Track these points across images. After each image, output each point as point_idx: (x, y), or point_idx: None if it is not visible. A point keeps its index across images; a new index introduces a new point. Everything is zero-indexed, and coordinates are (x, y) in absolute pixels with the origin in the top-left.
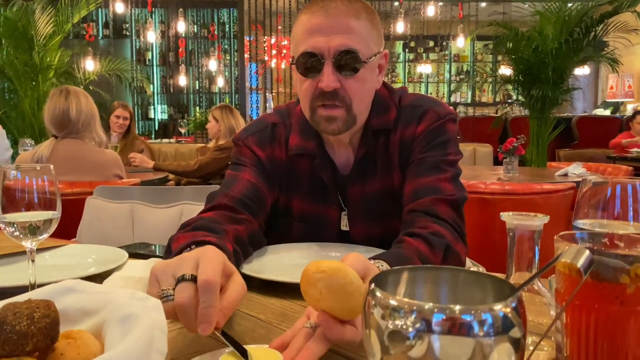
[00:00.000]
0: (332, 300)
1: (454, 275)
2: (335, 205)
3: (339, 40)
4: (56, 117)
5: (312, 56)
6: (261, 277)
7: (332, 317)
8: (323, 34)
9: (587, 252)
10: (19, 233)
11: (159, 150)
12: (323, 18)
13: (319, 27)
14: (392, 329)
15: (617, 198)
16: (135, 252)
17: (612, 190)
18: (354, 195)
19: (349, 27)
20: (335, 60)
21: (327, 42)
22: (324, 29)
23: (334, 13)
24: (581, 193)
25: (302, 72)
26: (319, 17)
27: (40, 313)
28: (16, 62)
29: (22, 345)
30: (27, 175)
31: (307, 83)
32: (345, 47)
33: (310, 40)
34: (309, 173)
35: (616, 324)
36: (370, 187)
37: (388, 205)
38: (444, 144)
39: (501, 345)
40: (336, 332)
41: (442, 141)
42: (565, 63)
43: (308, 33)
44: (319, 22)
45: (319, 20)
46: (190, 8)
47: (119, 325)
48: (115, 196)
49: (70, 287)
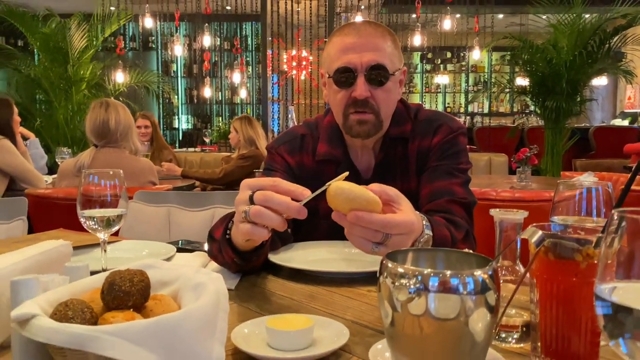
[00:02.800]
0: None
1: (447, 255)
2: None
3: (370, 56)
4: (96, 127)
5: (347, 70)
6: (291, 266)
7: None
8: (355, 51)
9: (540, 232)
10: (97, 226)
11: (185, 158)
12: (355, 38)
13: (352, 46)
14: (399, 289)
15: (583, 199)
16: (181, 247)
17: (580, 193)
18: None
19: (377, 45)
20: (366, 74)
21: (359, 59)
22: (356, 47)
23: (364, 34)
24: (557, 195)
25: (337, 84)
26: (351, 37)
27: (137, 278)
28: (51, 74)
29: (125, 301)
30: (102, 179)
31: (342, 93)
32: (375, 62)
33: (344, 57)
34: (334, 177)
35: (573, 293)
36: None
37: None
38: (457, 154)
39: (480, 302)
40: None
41: (455, 151)
42: (580, 75)
43: (342, 51)
44: (352, 41)
45: (352, 40)
46: (215, 22)
47: (191, 291)
48: (153, 200)
49: (150, 264)
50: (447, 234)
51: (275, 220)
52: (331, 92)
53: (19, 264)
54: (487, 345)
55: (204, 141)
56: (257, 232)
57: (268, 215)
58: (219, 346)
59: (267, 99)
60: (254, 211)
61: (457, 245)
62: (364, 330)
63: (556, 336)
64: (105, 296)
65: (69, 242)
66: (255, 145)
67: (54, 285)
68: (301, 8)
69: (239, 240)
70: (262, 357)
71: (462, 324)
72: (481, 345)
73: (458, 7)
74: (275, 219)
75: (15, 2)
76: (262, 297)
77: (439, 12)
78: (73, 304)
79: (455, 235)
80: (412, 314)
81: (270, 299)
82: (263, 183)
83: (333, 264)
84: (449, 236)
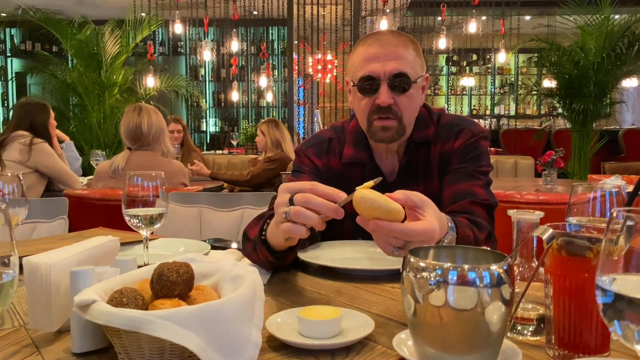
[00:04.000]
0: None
1: (465, 251)
2: None
3: (392, 65)
4: (130, 131)
5: (371, 79)
6: (319, 264)
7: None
8: (379, 61)
9: (550, 230)
10: (141, 223)
11: (214, 160)
12: (379, 48)
13: (375, 55)
14: (420, 282)
15: (597, 201)
16: (214, 245)
17: (594, 195)
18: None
19: (400, 54)
20: (389, 82)
21: (382, 67)
22: (379, 57)
23: (387, 44)
24: (573, 196)
25: (361, 92)
26: (374, 47)
27: (183, 269)
28: (85, 79)
29: (172, 290)
30: (145, 180)
31: (365, 101)
32: (397, 71)
33: (368, 67)
34: (360, 179)
35: (585, 288)
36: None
37: None
38: (478, 157)
39: (496, 295)
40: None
41: (476, 154)
42: (608, 77)
43: (366, 61)
44: (375, 51)
45: (375, 50)
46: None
47: (230, 282)
48: (185, 201)
49: (191, 258)
50: (471, 234)
51: (314, 219)
52: (356, 99)
53: (74, 256)
54: (502, 334)
55: (231, 144)
56: (296, 230)
57: (308, 215)
58: (257, 331)
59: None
60: (294, 211)
61: (480, 245)
62: (388, 323)
63: (569, 329)
64: (155, 285)
65: (117, 238)
66: (281, 148)
67: (107, 276)
68: (327, 12)
69: (276, 240)
70: (294, 344)
71: (478, 314)
72: (496, 335)
73: (484, 9)
74: (315, 218)
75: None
76: (292, 291)
77: (465, 14)
78: (127, 291)
79: (478, 235)
80: (432, 305)
81: (301, 293)
82: (301, 186)
83: (359, 262)
84: (472, 236)
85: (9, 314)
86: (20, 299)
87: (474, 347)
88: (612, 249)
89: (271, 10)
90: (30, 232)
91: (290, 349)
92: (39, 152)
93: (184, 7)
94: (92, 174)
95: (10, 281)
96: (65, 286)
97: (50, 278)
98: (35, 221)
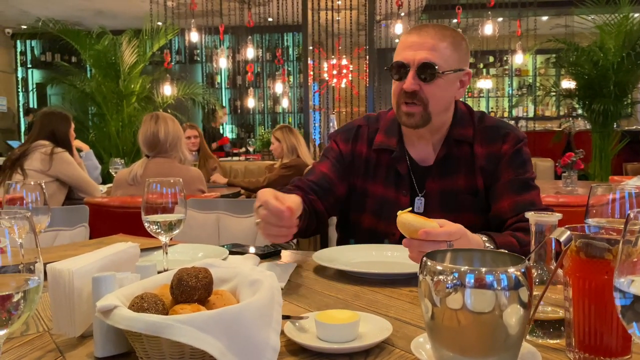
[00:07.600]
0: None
1: (482, 254)
2: (405, 191)
3: (423, 55)
4: (147, 138)
5: (402, 65)
6: (335, 267)
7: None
8: (412, 49)
9: (568, 232)
10: (160, 230)
11: (230, 167)
12: (416, 38)
13: (410, 44)
14: (438, 286)
15: (616, 202)
16: (232, 250)
17: (613, 196)
18: (432, 186)
19: (433, 46)
20: (417, 69)
21: (413, 56)
22: (413, 45)
23: (424, 35)
24: (592, 198)
25: (393, 77)
26: (413, 37)
27: (202, 274)
28: (104, 89)
29: (192, 295)
30: (164, 187)
31: (396, 85)
32: (425, 60)
33: (402, 54)
34: (387, 164)
35: (605, 290)
36: (452, 183)
37: (467, 200)
38: (524, 163)
39: (513, 298)
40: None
41: (522, 161)
42: (629, 77)
43: (402, 48)
44: (412, 40)
45: (412, 39)
46: (257, 33)
47: (248, 287)
48: (203, 207)
49: (210, 263)
50: (512, 240)
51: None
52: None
53: (96, 263)
54: (521, 337)
55: (247, 150)
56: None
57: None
58: (275, 335)
59: (308, 107)
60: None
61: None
62: (405, 327)
63: (589, 331)
64: (175, 290)
65: (137, 244)
66: (297, 154)
67: (128, 281)
68: (341, 17)
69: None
70: (312, 347)
71: (496, 317)
72: (515, 338)
73: (500, 11)
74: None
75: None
76: (310, 295)
77: (480, 16)
78: (147, 296)
79: (524, 239)
80: (450, 308)
81: (318, 297)
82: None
83: (375, 266)
84: (515, 242)
85: (33, 319)
86: (45, 304)
87: (492, 350)
88: (630, 250)
89: (286, 16)
90: (53, 239)
91: (308, 353)
92: (60, 161)
93: (199, 15)
94: (111, 182)
95: (35, 287)
96: (88, 292)
97: (73, 284)
98: (57, 229)
